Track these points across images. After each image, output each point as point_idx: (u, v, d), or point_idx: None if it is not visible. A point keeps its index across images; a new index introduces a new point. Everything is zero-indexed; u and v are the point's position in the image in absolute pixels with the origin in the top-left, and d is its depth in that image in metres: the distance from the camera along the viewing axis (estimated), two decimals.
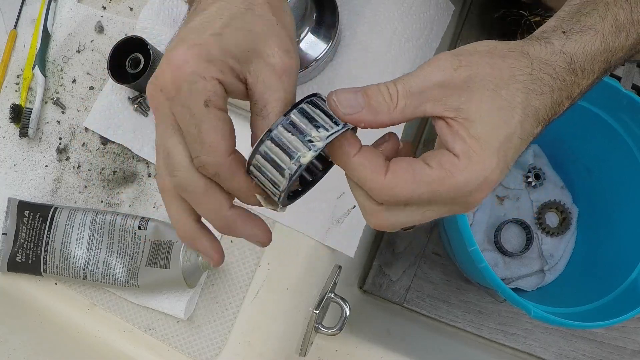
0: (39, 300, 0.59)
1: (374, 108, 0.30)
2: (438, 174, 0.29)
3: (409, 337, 0.80)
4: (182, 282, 0.54)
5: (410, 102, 0.30)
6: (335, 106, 0.30)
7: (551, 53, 0.32)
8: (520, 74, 0.30)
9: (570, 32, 0.32)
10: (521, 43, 0.32)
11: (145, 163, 0.61)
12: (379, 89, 0.30)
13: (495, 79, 0.30)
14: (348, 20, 0.62)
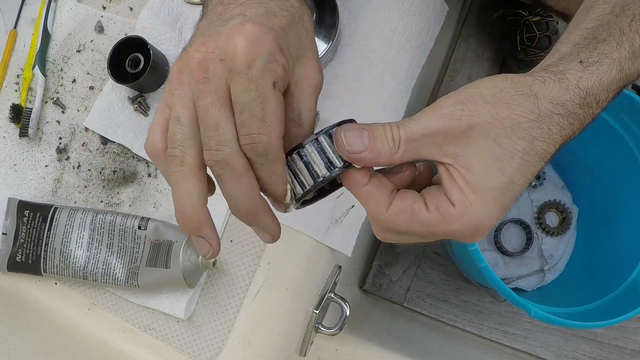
0: (39, 300, 0.59)
1: (377, 151, 0.31)
2: (433, 217, 0.31)
3: (409, 337, 0.80)
4: (182, 282, 0.54)
5: (410, 148, 0.31)
6: (341, 143, 0.31)
7: (565, 90, 0.31)
8: (525, 121, 0.30)
9: (587, 63, 0.32)
10: (531, 81, 0.31)
11: (145, 163, 0.61)
12: (384, 132, 0.31)
13: (496, 128, 0.30)
14: (348, 20, 0.62)
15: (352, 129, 0.31)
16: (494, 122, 0.30)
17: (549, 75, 0.31)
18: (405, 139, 0.31)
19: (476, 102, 0.30)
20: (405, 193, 0.32)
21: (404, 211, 0.31)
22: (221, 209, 0.59)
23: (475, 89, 0.31)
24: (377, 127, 0.31)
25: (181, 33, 0.64)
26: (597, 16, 0.34)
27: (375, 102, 0.60)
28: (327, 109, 0.60)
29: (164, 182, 0.60)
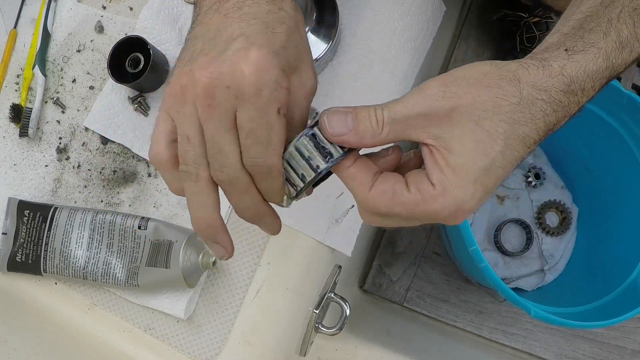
0: (39, 300, 0.59)
1: (360, 132, 0.32)
2: (414, 198, 0.31)
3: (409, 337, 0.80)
4: (182, 282, 0.54)
5: (393, 129, 0.31)
6: (324, 126, 0.32)
7: (548, 76, 0.31)
8: (506, 104, 0.30)
9: (573, 51, 0.32)
10: (515, 66, 0.31)
11: (145, 163, 0.61)
12: (368, 114, 0.32)
13: (478, 110, 0.30)
14: (348, 20, 0.62)
15: (336, 113, 0.32)
16: (476, 104, 0.30)
17: (533, 62, 0.32)
18: (389, 120, 0.31)
19: (459, 84, 0.31)
20: (387, 175, 0.33)
21: (385, 192, 0.32)
22: (221, 209, 0.58)
23: (461, 71, 0.31)
24: (361, 109, 0.32)
25: (181, 33, 0.64)
26: (587, 8, 0.34)
27: (374, 102, 0.60)
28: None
29: (163, 182, 0.60)
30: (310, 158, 0.33)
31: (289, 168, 0.33)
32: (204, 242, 0.46)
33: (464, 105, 0.30)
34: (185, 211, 0.59)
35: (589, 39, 0.32)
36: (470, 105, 0.30)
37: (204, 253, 0.55)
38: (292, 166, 0.33)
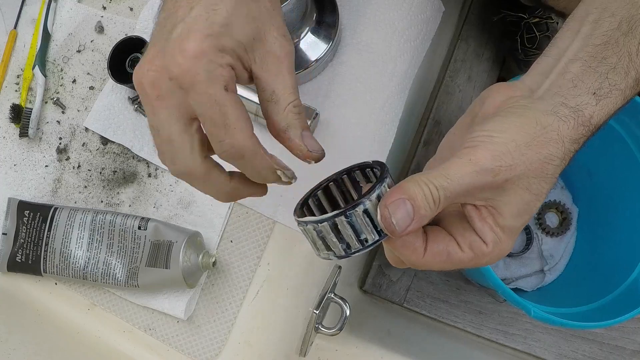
0: (39, 300, 0.59)
1: (421, 217, 0.31)
2: (467, 257, 0.33)
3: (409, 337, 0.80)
4: (182, 282, 0.54)
5: (448, 204, 0.32)
6: (390, 223, 0.31)
7: (581, 125, 0.33)
8: (552, 167, 0.32)
9: (599, 95, 0.33)
10: (557, 124, 0.32)
11: (146, 163, 0.61)
12: (425, 196, 0.31)
13: (530, 178, 0.32)
14: (348, 20, 0.62)
15: (395, 203, 0.31)
16: (528, 173, 0.32)
17: (569, 112, 0.33)
18: (444, 199, 0.32)
19: (512, 154, 0.31)
20: (436, 236, 0.34)
21: (440, 254, 0.33)
22: (221, 209, 0.59)
23: (507, 135, 0.32)
24: (417, 193, 0.31)
25: None
26: (605, 31, 0.34)
27: (374, 102, 0.60)
28: (327, 109, 0.60)
29: (164, 182, 0.60)
30: (360, 231, 0.32)
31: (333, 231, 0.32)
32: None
33: (517, 175, 0.32)
34: (185, 211, 0.59)
35: (613, 80, 0.33)
36: (523, 174, 0.32)
37: (204, 253, 0.55)
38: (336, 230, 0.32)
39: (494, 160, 0.31)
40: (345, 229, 0.32)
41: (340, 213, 0.31)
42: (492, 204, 0.33)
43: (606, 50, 0.34)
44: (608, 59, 0.33)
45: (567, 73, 0.34)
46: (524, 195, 0.32)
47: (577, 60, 0.34)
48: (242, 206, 0.59)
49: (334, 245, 0.33)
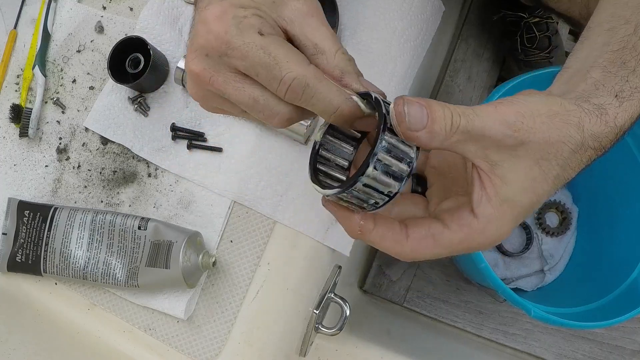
0: (39, 300, 0.59)
1: (433, 133, 0.30)
2: (457, 236, 0.31)
3: (409, 337, 0.80)
4: (182, 282, 0.54)
5: (462, 138, 0.30)
6: (402, 118, 0.30)
7: (604, 124, 0.32)
8: (567, 149, 0.31)
9: (622, 97, 0.33)
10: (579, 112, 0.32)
11: (145, 163, 0.61)
12: (444, 115, 0.30)
13: (543, 151, 0.31)
14: (348, 20, 0.62)
15: (413, 104, 0.30)
16: (543, 145, 0.31)
17: (592, 108, 0.32)
18: (464, 129, 0.30)
19: (534, 119, 0.31)
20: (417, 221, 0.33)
21: (425, 238, 0.32)
22: (221, 209, 0.59)
23: (532, 105, 0.31)
24: (436, 107, 0.30)
25: (181, 33, 0.64)
26: (621, 37, 0.35)
27: None
28: None
29: (164, 182, 0.60)
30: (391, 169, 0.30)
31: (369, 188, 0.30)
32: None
33: (534, 142, 0.31)
34: (185, 211, 0.59)
35: (634, 83, 0.33)
36: (539, 144, 0.31)
37: (204, 253, 0.55)
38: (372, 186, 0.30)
39: (517, 116, 0.31)
40: (380, 176, 0.30)
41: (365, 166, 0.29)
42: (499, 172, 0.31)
43: (624, 55, 0.34)
44: (627, 63, 0.34)
45: (589, 79, 0.34)
46: (533, 169, 0.31)
47: (597, 67, 0.34)
48: (242, 206, 0.59)
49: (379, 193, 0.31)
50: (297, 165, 0.59)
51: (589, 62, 0.35)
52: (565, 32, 0.97)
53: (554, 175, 0.31)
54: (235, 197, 0.59)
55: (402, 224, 0.33)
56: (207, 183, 0.59)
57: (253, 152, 0.59)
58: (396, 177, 0.30)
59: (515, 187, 0.31)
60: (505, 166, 0.31)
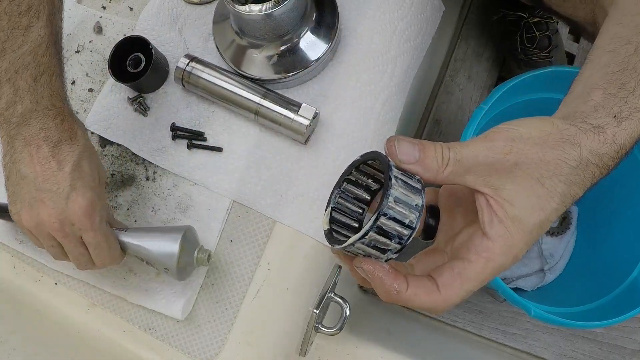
0: (39, 300, 0.59)
1: (426, 165, 0.32)
2: (480, 265, 0.32)
3: (409, 337, 0.80)
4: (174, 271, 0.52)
5: (455, 170, 0.32)
6: (394, 151, 0.33)
7: (602, 142, 0.33)
8: (566, 166, 0.32)
9: (620, 118, 0.33)
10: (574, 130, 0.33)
11: (144, 166, 0.61)
12: (435, 150, 0.32)
13: (541, 169, 0.32)
14: (348, 20, 0.62)
15: (404, 140, 0.33)
16: (540, 164, 0.32)
17: (589, 127, 0.33)
18: (454, 160, 0.32)
19: (525, 142, 0.32)
20: (440, 271, 0.34)
21: (454, 282, 0.33)
22: (219, 213, 0.59)
23: (523, 129, 0.33)
24: (428, 144, 0.33)
25: (181, 33, 0.64)
26: (622, 59, 0.35)
27: (374, 102, 0.60)
28: (327, 109, 0.60)
29: (162, 185, 0.60)
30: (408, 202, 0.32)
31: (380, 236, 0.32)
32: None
33: (528, 162, 0.32)
34: (183, 215, 0.59)
35: (633, 103, 0.34)
36: (534, 163, 0.32)
37: (200, 249, 0.54)
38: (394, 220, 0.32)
39: (506, 141, 0.32)
40: (390, 224, 0.32)
41: (377, 216, 0.31)
42: (504, 195, 0.32)
43: (624, 76, 0.35)
44: (627, 85, 0.34)
45: (589, 101, 0.35)
46: (535, 187, 0.32)
47: (597, 89, 0.35)
48: (242, 206, 0.59)
49: (387, 245, 0.33)
50: (297, 165, 0.59)
51: (589, 85, 0.36)
52: (565, 31, 0.97)
53: (559, 192, 0.32)
54: (235, 197, 0.59)
55: (429, 277, 0.34)
56: (207, 183, 0.59)
57: (253, 151, 0.59)
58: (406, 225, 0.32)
59: (522, 206, 0.32)
60: (508, 188, 0.32)
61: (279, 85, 0.60)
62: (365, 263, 0.33)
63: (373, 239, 0.32)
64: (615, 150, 0.33)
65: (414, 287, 0.33)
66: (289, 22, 0.56)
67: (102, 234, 0.48)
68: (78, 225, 0.47)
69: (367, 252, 0.33)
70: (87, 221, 0.47)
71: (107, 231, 0.49)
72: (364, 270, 0.33)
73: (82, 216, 0.47)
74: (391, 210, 0.31)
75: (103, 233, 0.48)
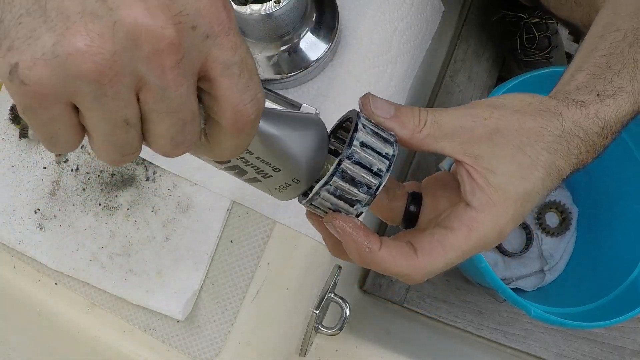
0: (39, 300, 0.59)
1: (402, 122, 0.31)
2: (462, 234, 0.30)
3: (409, 337, 0.80)
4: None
5: (433, 133, 0.31)
6: (368, 105, 0.31)
7: (586, 116, 0.32)
8: (549, 134, 0.31)
9: (604, 95, 0.33)
10: (555, 102, 0.32)
11: (144, 167, 0.61)
12: (411, 110, 0.31)
13: (522, 137, 0.31)
14: (348, 20, 0.62)
15: (381, 98, 0.32)
16: (520, 130, 0.31)
17: (570, 102, 0.32)
18: (431, 121, 0.31)
19: (506, 110, 0.31)
20: (420, 237, 0.31)
21: (433, 248, 0.31)
22: (219, 213, 0.59)
23: (505, 100, 0.32)
24: (405, 107, 0.32)
25: None
26: (609, 44, 0.35)
27: None
28: (327, 109, 0.60)
29: (162, 185, 0.60)
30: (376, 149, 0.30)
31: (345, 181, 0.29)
32: None
33: (509, 129, 0.31)
34: (184, 215, 0.59)
35: (617, 83, 0.33)
36: (515, 130, 0.31)
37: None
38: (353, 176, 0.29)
39: (487, 107, 0.31)
40: (355, 169, 0.29)
41: (341, 159, 0.29)
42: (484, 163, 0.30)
43: (611, 59, 0.34)
44: (612, 67, 0.34)
45: (572, 81, 0.34)
46: (516, 155, 0.30)
47: (582, 71, 0.35)
48: (242, 206, 0.59)
49: (355, 195, 0.30)
50: None
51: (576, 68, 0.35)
52: (565, 32, 0.97)
53: (542, 160, 0.31)
54: (235, 197, 0.59)
55: (407, 243, 0.31)
56: (207, 183, 0.59)
57: None
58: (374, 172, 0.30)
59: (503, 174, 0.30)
60: (487, 157, 0.30)
61: (279, 85, 0.60)
62: (335, 218, 0.30)
63: (339, 187, 0.30)
64: (600, 125, 0.32)
65: (389, 247, 0.31)
66: (289, 22, 0.56)
67: (245, 44, 0.23)
68: (207, 22, 0.21)
69: (335, 204, 0.30)
70: (222, 13, 0.22)
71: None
72: (333, 226, 0.30)
73: (211, 5, 0.21)
74: (356, 155, 0.29)
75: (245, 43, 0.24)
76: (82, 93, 0.20)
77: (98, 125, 0.22)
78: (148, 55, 0.20)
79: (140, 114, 0.22)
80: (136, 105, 0.22)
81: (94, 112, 0.21)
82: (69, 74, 0.20)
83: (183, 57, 0.21)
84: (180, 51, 0.21)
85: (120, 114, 0.22)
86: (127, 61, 0.20)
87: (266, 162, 0.29)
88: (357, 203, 0.30)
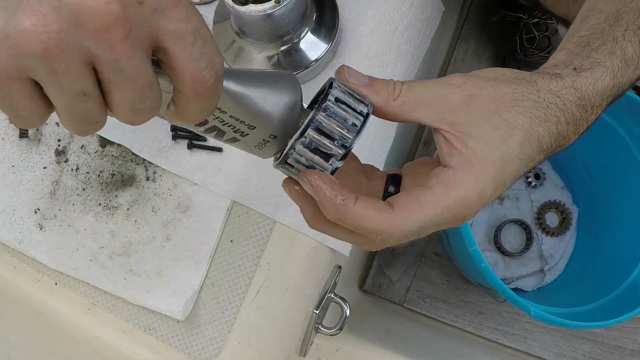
0: (39, 300, 0.59)
1: (376, 90, 0.32)
2: (440, 191, 0.30)
3: (409, 337, 0.80)
4: None
5: (408, 101, 0.31)
6: (343, 74, 0.32)
7: (561, 86, 0.32)
8: (525, 99, 0.31)
9: (580, 69, 0.33)
10: (529, 74, 0.33)
11: (144, 167, 0.61)
12: (386, 81, 0.32)
13: (497, 101, 0.31)
14: (348, 20, 0.62)
15: (354, 70, 0.33)
16: (495, 96, 0.31)
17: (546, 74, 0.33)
18: (406, 90, 0.31)
19: (480, 78, 0.32)
20: (395, 196, 0.32)
21: (410, 203, 0.30)
22: (220, 214, 0.59)
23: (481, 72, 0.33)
24: (379, 78, 0.33)
25: None
26: (591, 25, 0.35)
27: None
28: None
29: (162, 186, 0.60)
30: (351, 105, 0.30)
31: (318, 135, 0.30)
32: None
33: (483, 94, 0.31)
34: (184, 215, 0.59)
35: (595, 58, 0.33)
36: (489, 95, 0.31)
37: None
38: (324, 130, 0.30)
39: (460, 77, 0.32)
40: (329, 122, 0.30)
41: (316, 112, 0.30)
42: (461, 128, 0.30)
43: (590, 38, 0.34)
44: (591, 44, 0.34)
45: (551, 59, 0.35)
46: (492, 118, 0.30)
47: (562, 50, 0.35)
48: (242, 206, 0.59)
49: (329, 149, 0.30)
50: None
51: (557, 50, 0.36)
52: (565, 32, 0.97)
53: (520, 124, 0.31)
54: (235, 197, 0.59)
55: (385, 202, 0.31)
56: (207, 183, 0.59)
57: None
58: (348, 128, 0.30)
59: (480, 137, 0.30)
60: (463, 122, 0.31)
61: None
62: (310, 173, 0.30)
63: (313, 139, 0.30)
64: (577, 96, 0.32)
65: (364, 202, 0.30)
66: (289, 22, 0.56)
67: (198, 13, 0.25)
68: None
69: (310, 159, 0.30)
70: None
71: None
72: (308, 181, 0.30)
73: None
74: (331, 108, 0.30)
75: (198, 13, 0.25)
76: (35, 70, 0.22)
77: (56, 97, 0.24)
78: (94, 31, 0.22)
79: (99, 85, 0.24)
80: (91, 77, 0.23)
81: (50, 85, 0.23)
82: (19, 52, 0.21)
83: (130, 30, 0.22)
84: (127, 25, 0.22)
85: (76, 87, 0.23)
86: (74, 38, 0.22)
87: (240, 120, 0.30)
88: (332, 157, 0.30)
